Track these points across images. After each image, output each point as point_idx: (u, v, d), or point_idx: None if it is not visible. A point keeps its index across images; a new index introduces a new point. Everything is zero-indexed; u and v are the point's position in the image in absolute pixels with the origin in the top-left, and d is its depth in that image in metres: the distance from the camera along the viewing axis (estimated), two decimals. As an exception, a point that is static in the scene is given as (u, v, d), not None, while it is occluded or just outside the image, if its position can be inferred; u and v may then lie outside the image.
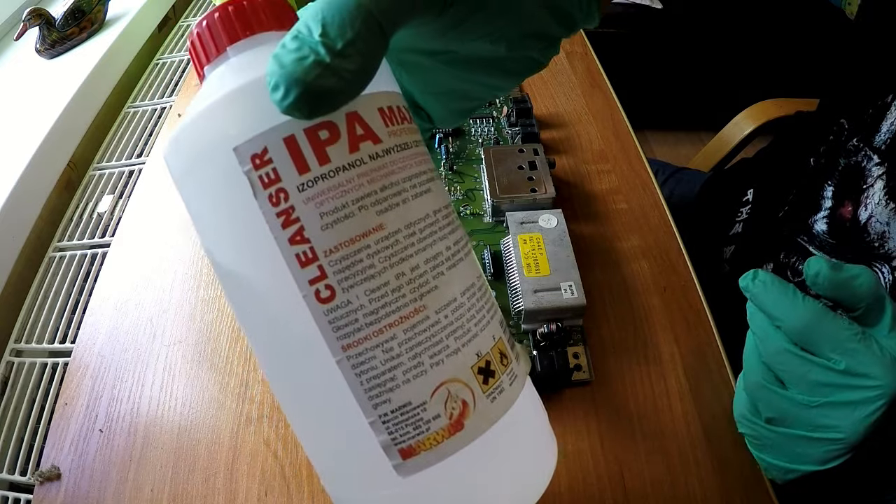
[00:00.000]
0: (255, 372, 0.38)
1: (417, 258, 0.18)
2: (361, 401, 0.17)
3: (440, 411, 0.18)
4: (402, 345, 0.17)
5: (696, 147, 0.93)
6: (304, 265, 0.17)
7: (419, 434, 0.18)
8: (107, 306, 0.42)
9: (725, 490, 0.32)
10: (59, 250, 0.48)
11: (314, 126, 0.17)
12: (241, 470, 0.33)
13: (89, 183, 0.54)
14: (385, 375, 0.17)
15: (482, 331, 0.19)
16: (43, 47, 0.61)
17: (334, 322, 0.17)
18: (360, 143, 0.17)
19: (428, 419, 0.18)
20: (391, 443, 0.18)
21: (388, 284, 0.17)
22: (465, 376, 0.18)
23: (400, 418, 0.17)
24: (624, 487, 0.32)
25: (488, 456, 0.19)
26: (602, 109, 0.56)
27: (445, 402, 0.18)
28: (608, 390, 0.36)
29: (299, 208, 0.17)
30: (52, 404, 0.38)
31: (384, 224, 0.17)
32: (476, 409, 0.18)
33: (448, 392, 0.18)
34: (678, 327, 0.39)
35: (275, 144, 0.17)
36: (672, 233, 0.44)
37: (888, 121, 0.40)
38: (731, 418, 0.34)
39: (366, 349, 0.17)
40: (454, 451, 0.18)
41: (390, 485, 0.18)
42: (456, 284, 0.18)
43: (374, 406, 0.17)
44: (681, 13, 1.43)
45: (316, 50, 0.15)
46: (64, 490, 0.33)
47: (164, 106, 0.61)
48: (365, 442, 0.18)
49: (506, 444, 0.19)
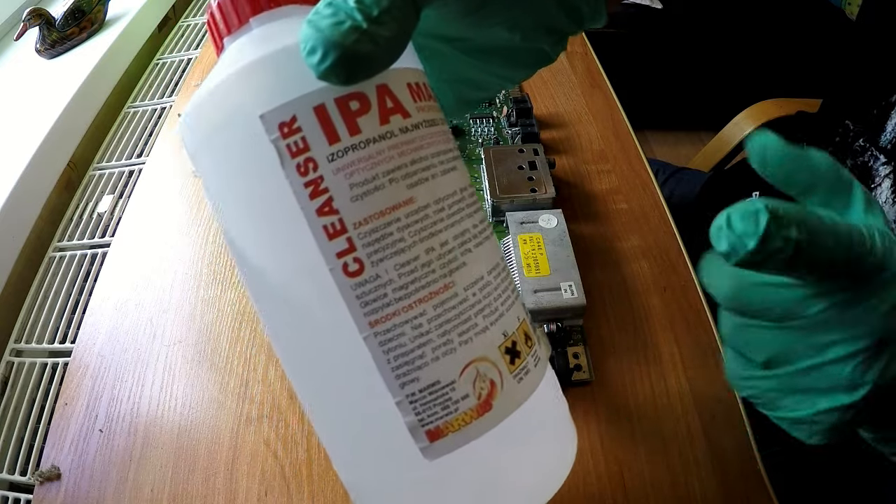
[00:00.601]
0: (255, 372, 0.38)
1: (446, 234, 0.17)
2: (388, 380, 0.17)
3: (469, 391, 0.17)
4: (431, 321, 0.17)
5: (696, 147, 0.93)
6: (332, 237, 0.16)
7: (448, 415, 0.17)
8: (107, 306, 0.42)
9: (725, 490, 0.32)
10: (59, 250, 0.48)
11: (345, 96, 0.17)
12: (241, 470, 0.33)
13: (89, 183, 0.54)
14: (414, 353, 0.17)
15: (507, 311, 0.19)
16: (43, 47, 0.61)
17: (362, 297, 0.17)
18: (391, 116, 0.17)
19: (457, 399, 0.17)
20: (418, 424, 0.17)
21: (418, 259, 0.17)
22: (493, 356, 0.18)
23: (428, 398, 0.17)
24: (624, 487, 0.32)
25: (514, 439, 0.18)
26: (602, 109, 0.56)
27: (474, 381, 0.17)
28: (608, 390, 0.36)
29: (328, 178, 0.16)
30: (52, 404, 0.38)
31: (414, 198, 0.17)
32: (504, 389, 0.18)
33: (477, 371, 0.17)
34: (678, 327, 0.39)
35: (304, 113, 0.16)
36: (672, 233, 0.44)
37: (893, 120, 0.40)
38: (732, 418, 0.34)
39: (395, 325, 0.17)
40: (482, 432, 0.17)
41: (413, 468, 0.17)
42: (483, 262, 0.18)
43: (401, 385, 0.17)
44: (681, 13, 1.43)
45: (352, 16, 0.15)
46: (64, 490, 0.33)
47: (164, 106, 0.61)
48: (389, 424, 0.17)
49: (531, 428, 0.19)
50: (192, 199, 0.49)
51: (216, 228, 0.46)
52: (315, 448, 0.34)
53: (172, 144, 0.54)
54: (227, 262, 0.44)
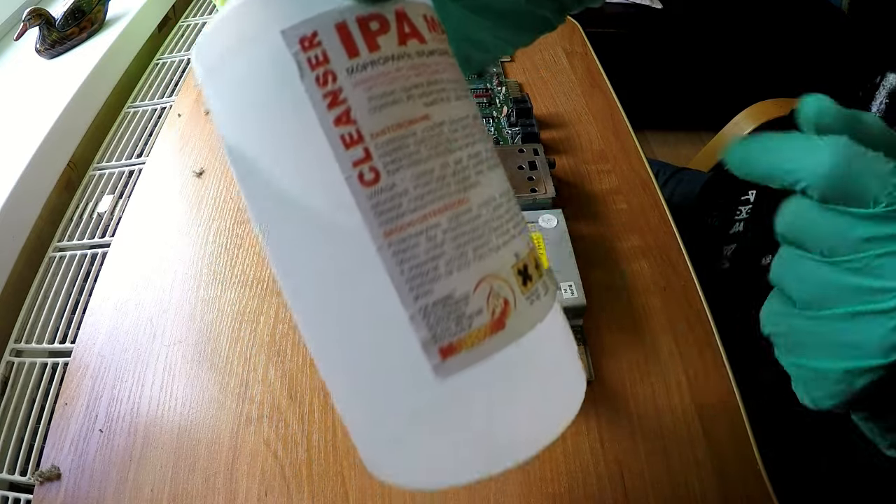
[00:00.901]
0: (255, 372, 0.38)
1: (461, 153, 0.18)
2: (402, 292, 0.17)
3: (482, 306, 0.17)
4: (445, 233, 0.17)
5: (696, 147, 0.93)
6: (348, 146, 0.17)
7: (461, 330, 0.17)
8: (107, 306, 0.42)
9: (725, 490, 0.32)
10: (59, 250, 0.48)
11: (366, 16, 0.17)
12: (241, 470, 0.33)
13: (89, 183, 0.54)
14: (428, 265, 0.17)
15: (518, 235, 0.19)
16: (43, 47, 0.61)
17: (377, 206, 0.17)
18: (408, 40, 0.18)
19: (470, 314, 0.17)
20: (431, 340, 0.17)
21: (434, 172, 0.17)
22: (505, 274, 0.18)
23: (441, 311, 0.17)
24: (624, 487, 0.32)
25: (525, 364, 0.18)
26: (602, 109, 0.56)
27: (488, 297, 0.17)
28: (608, 390, 0.36)
29: (347, 90, 0.17)
30: (52, 404, 0.38)
31: (430, 115, 0.18)
32: (517, 309, 0.18)
33: (490, 288, 0.17)
34: (678, 327, 0.39)
35: (325, 29, 0.17)
36: (672, 233, 0.44)
37: (877, 100, 0.41)
38: (732, 418, 0.34)
39: (409, 235, 0.17)
40: (495, 350, 0.17)
41: (423, 390, 0.17)
42: (495, 185, 0.19)
43: (415, 298, 0.17)
44: (681, 13, 1.43)
45: None
46: (64, 490, 0.33)
47: (164, 106, 0.61)
48: (400, 342, 0.17)
49: (542, 355, 0.19)
50: (192, 199, 0.49)
51: (216, 228, 0.46)
52: (315, 448, 0.34)
53: (172, 144, 0.55)
54: (227, 262, 0.44)
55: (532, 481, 0.32)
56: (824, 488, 0.38)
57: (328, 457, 0.34)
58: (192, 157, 0.53)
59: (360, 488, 0.33)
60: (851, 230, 0.19)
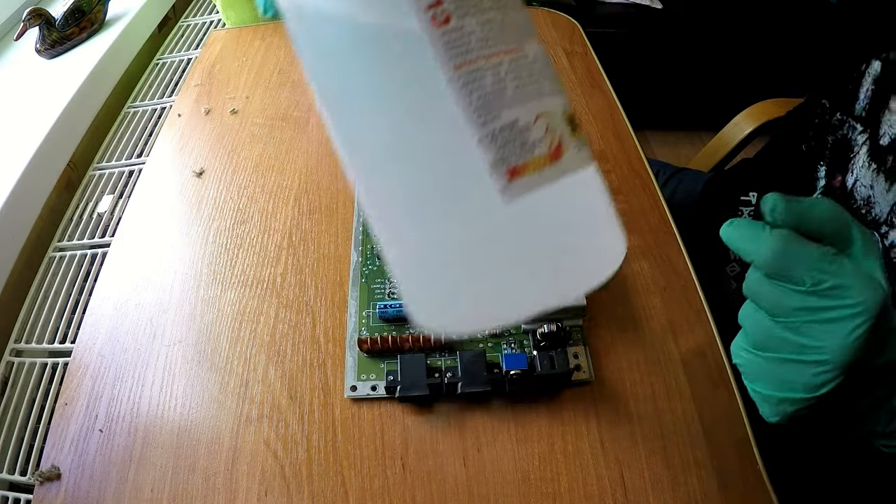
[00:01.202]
0: (255, 372, 0.38)
1: (517, 15, 0.20)
2: (471, 118, 0.18)
3: (542, 136, 0.19)
4: (508, 73, 0.19)
5: (696, 147, 0.93)
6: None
7: (526, 154, 0.19)
8: (107, 306, 0.42)
9: (725, 490, 0.32)
10: (59, 250, 0.48)
11: None
12: (241, 470, 0.33)
13: (89, 183, 0.54)
14: (494, 95, 0.19)
15: (562, 92, 0.21)
16: (43, 47, 0.61)
17: (448, 43, 0.18)
18: None
19: (532, 142, 0.19)
20: (500, 160, 0.18)
21: (496, 21, 0.19)
22: (558, 116, 0.20)
23: (508, 135, 0.19)
24: (624, 487, 0.32)
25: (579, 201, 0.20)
26: (602, 109, 0.56)
27: (546, 130, 0.19)
28: (608, 390, 0.36)
29: None
30: (52, 404, 0.38)
31: None
32: (570, 148, 0.20)
33: (547, 124, 0.19)
34: (678, 327, 0.39)
35: None
36: (672, 233, 0.44)
37: (864, 88, 0.42)
38: (732, 418, 0.34)
39: (476, 69, 0.19)
40: (555, 177, 0.19)
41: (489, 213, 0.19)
42: (540, 51, 0.21)
43: (482, 123, 0.18)
44: (681, 13, 1.43)
45: None
46: (64, 490, 0.33)
47: (164, 106, 0.61)
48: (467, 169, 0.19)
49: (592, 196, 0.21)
50: (192, 199, 0.49)
51: (216, 228, 0.46)
52: (315, 448, 0.34)
53: (172, 144, 0.55)
54: (227, 262, 0.44)
55: (532, 481, 0.32)
56: (824, 488, 0.38)
57: (328, 457, 0.34)
58: (192, 157, 0.53)
59: (360, 488, 0.33)
60: (787, 300, 0.25)
